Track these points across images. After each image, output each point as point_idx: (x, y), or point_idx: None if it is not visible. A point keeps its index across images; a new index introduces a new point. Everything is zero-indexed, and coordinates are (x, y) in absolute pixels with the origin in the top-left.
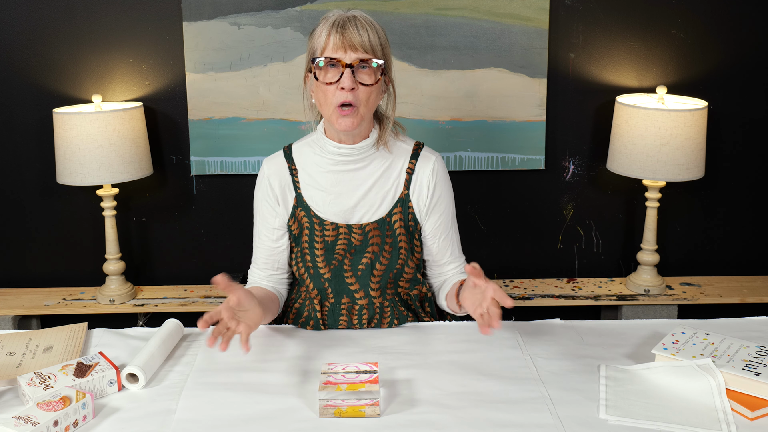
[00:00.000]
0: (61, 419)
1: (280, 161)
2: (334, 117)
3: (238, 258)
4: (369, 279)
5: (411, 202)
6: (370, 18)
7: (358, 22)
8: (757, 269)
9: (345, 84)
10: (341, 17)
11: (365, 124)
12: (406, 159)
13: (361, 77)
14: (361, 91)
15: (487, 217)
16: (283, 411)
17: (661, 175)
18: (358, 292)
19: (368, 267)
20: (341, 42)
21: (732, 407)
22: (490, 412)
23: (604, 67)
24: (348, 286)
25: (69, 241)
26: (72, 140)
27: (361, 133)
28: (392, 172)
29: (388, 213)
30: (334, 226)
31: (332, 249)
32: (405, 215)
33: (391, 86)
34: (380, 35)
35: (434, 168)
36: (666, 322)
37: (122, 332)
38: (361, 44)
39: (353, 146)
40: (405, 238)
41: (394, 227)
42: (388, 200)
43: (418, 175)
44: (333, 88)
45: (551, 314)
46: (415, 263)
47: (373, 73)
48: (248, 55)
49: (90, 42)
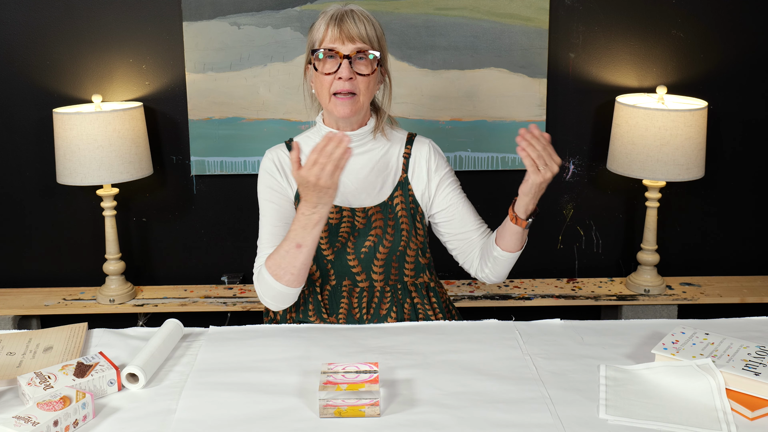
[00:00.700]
0: (61, 419)
1: (282, 150)
2: (332, 104)
3: (238, 258)
4: (372, 262)
5: (411, 184)
6: (366, 12)
7: (355, 15)
8: (757, 269)
9: (343, 74)
10: (339, 11)
11: (363, 112)
12: (402, 145)
13: (359, 68)
14: (359, 81)
15: (487, 217)
16: (283, 411)
17: (661, 175)
18: (360, 274)
19: (371, 249)
20: (339, 34)
21: (732, 407)
22: (490, 412)
23: (604, 67)
24: (351, 268)
25: (69, 241)
26: (72, 140)
27: (359, 121)
28: (390, 157)
29: (390, 196)
30: (337, 209)
31: (336, 232)
32: (406, 198)
33: (388, 77)
34: (376, 28)
35: (429, 149)
36: (666, 322)
37: (122, 332)
38: (359, 36)
39: (352, 133)
40: (407, 220)
41: (396, 210)
42: (388, 184)
43: (415, 158)
44: (331, 78)
45: (551, 314)
46: (417, 246)
47: (369, 63)
48: (248, 55)
49: (90, 42)
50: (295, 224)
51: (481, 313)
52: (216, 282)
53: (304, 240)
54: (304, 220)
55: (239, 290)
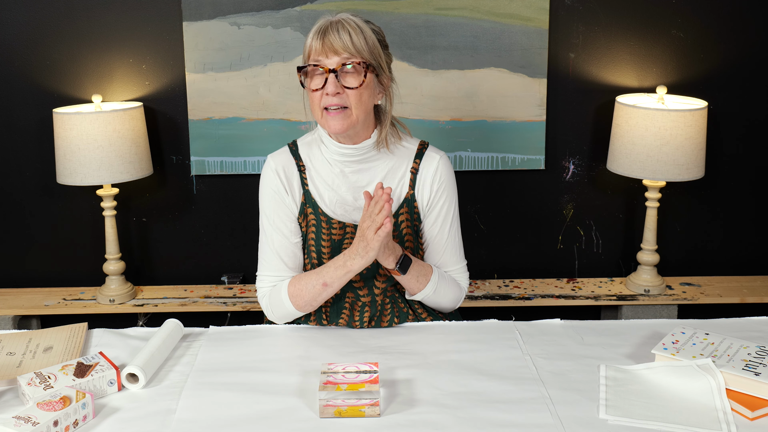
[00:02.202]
0: (61, 419)
1: (287, 156)
2: (324, 120)
3: (238, 258)
4: (374, 278)
5: (416, 201)
6: (358, 20)
7: (341, 26)
8: (757, 269)
9: (329, 90)
10: (325, 23)
11: (361, 125)
12: (411, 159)
13: (346, 80)
14: (349, 95)
15: (487, 217)
16: (283, 411)
17: (661, 175)
18: (362, 289)
19: (374, 267)
20: (321, 47)
21: (732, 407)
22: (490, 412)
23: (604, 67)
24: (353, 284)
25: (69, 241)
26: (72, 140)
27: (361, 134)
28: (397, 173)
29: (395, 213)
30: (340, 225)
31: (339, 248)
32: (411, 215)
33: (391, 87)
34: (367, 37)
35: (438, 167)
36: (666, 322)
37: (122, 332)
38: (343, 47)
39: (355, 146)
40: (411, 237)
41: (400, 227)
42: (393, 201)
43: (422, 174)
44: (319, 93)
45: (551, 314)
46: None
47: (356, 75)
48: (248, 55)
49: (90, 42)
50: (331, 263)
51: (481, 313)
52: (216, 282)
53: (332, 282)
54: (343, 270)
55: (239, 290)
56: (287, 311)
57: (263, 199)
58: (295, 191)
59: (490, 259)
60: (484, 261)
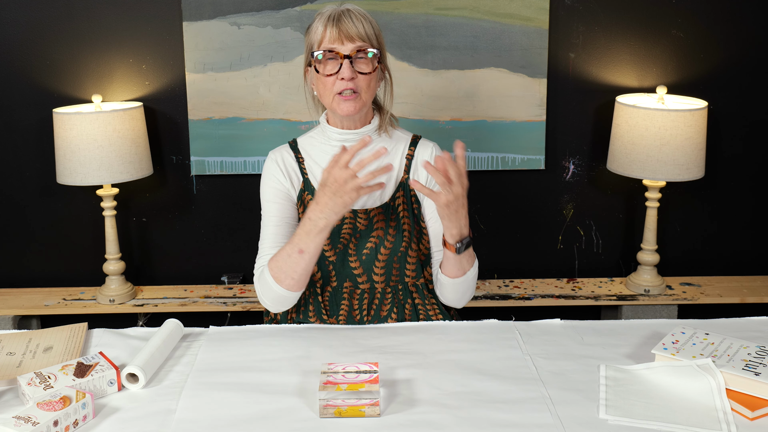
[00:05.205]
0: (61, 419)
1: (286, 151)
2: (336, 103)
3: (238, 258)
4: (373, 263)
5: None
6: (362, 10)
7: (353, 14)
8: (757, 269)
9: (345, 74)
10: (336, 11)
11: (365, 109)
12: (406, 146)
13: (359, 66)
14: (361, 80)
15: (487, 217)
16: (283, 411)
17: (661, 175)
18: (361, 276)
19: (373, 251)
20: (338, 34)
21: (732, 407)
22: (490, 412)
23: (604, 67)
24: (352, 270)
25: (69, 241)
26: (72, 140)
27: (363, 119)
28: (394, 158)
29: (392, 197)
30: None
31: (338, 233)
32: (408, 198)
33: (388, 74)
34: (374, 25)
35: (432, 152)
36: (666, 322)
37: (122, 332)
38: (358, 34)
39: (356, 131)
40: (408, 220)
41: (398, 210)
42: (390, 185)
43: (417, 159)
44: (333, 78)
45: (551, 314)
46: (419, 245)
47: (370, 62)
48: (248, 55)
49: (90, 42)
50: (300, 229)
51: (481, 313)
52: (216, 282)
53: (306, 246)
54: (309, 225)
55: (239, 290)
56: (276, 293)
57: (264, 186)
58: (294, 179)
59: (490, 259)
60: (484, 261)
